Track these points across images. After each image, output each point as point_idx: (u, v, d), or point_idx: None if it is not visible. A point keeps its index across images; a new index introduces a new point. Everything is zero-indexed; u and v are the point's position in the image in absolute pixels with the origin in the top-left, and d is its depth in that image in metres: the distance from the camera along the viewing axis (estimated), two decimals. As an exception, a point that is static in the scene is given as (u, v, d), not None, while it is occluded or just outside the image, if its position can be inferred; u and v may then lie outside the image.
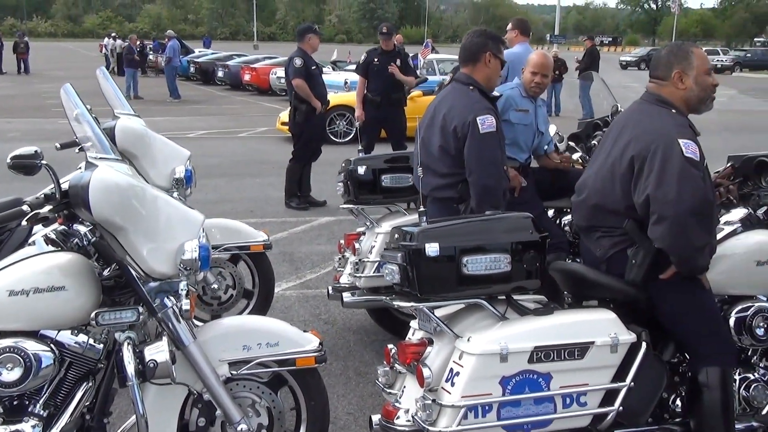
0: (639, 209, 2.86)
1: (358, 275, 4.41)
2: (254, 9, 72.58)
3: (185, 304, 2.63)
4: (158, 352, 2.53)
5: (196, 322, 3.51)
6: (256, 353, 2.78)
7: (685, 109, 2.99)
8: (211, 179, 9.73)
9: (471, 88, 3.85)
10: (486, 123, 3.69)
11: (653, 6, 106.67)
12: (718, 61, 47.34)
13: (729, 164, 3.61)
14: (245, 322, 3.17)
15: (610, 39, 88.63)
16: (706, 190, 2.81)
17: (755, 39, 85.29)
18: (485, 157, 3.71)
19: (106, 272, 2.66)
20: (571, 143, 5.39)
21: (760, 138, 3.40)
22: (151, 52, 31.30)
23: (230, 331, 2.86)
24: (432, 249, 2.69)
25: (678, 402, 3.04)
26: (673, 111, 2.96)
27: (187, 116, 17.47)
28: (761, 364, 3.26)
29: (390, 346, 2.95)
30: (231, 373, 2.75)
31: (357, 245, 4.51)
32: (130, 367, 2.49)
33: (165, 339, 2.58)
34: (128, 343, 2.54)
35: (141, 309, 2.61)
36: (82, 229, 2.75)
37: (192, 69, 28.87)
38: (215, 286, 4.18)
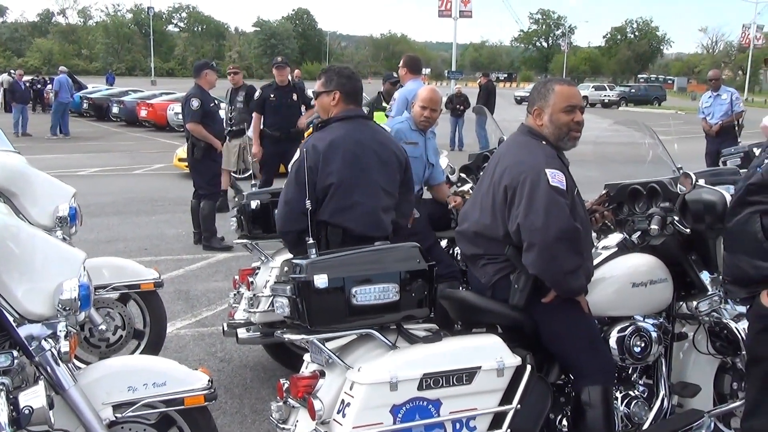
0: (513, 237, 2.98)
1: (252, 311, 4.35)
2: (151, 44, 71.26)
3: (64, 346, 2.53)
4: (34, 397, 2.42)
5: (80, 365, 3.40)
6: (141, 394, 2.70)
7: (554, 141, 3.14)
8: (104, 218, 9.43)
9: None
10: None
11: (545, 44, 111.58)
12: (605, 96, 49.90)
13: (604, 191, 3.80)
14: (130, 362, 3.08)
15: (506, 75, 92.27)
16: (576, 216, 2.94)
17: (639, 75, 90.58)
18: None
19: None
20: (463, 174, 5.56)
21: (635, 167, 3.60)
22: (41, 87, 30.14)
23: (114, 372, 2.77)
24: (321, 281, 2.70)
25: (564, 422, 3.14)
26: (543, 143, 3.10)
27: (79, 153, 16.88)
28: (641, 381, 3.42)
29: (283, 380, 2.93)
30: (115, 416, 2.66)
31: (252, 280, 4.46)
32: (2, 415, 2.36)
33: (42, 383, 2.47)
34: (1, 390, 2.41)
35: (16, 353, 2.50)
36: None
37: (85, 105, 27.97)
38: (103, 327, 4.03)
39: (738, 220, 2.67)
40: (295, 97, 8.58)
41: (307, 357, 3.00)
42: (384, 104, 8.17)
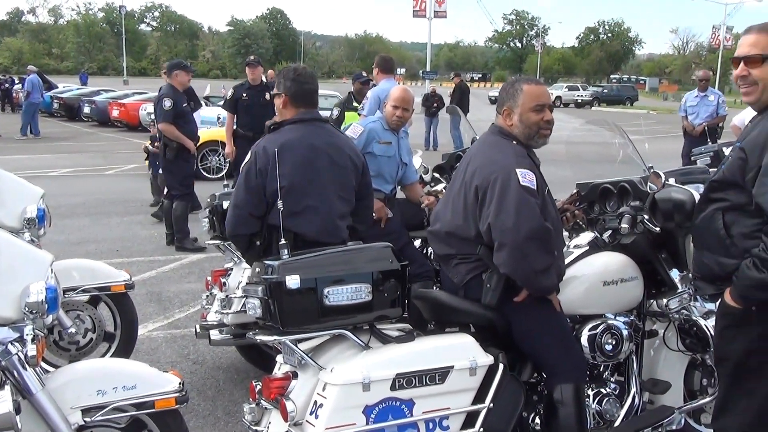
0: (485, 237, 2.99)
1: (225, 312, 4.32)
2: (123, 43, 70.54)
3: (31, 349, 2.49)
4: (0, 402, 2.38)
5: (49, 368, 3.35)
6: (111, 398, 2.67)
7: (524, 140, 3.15)
8: (75, 219, 9.30)
9: None
10: None
11: (519, 45, 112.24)
12: (579, 96, 50.34)
13: (575, 191, 3.83)
14: (100, 365, 3.03)
15: (480, 75, 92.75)
16: (546, 215, 2.96)
17: (611, 76, 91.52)
18: None
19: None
20: (436, 174, 5.57)
21: (606, 166, 3.64)
22: (9, 86, 29.68)
23: (83, 375, 2.73)
24: (292, 281, 2.69)
25: (537, 420, 3.16)
26: (514, 142, 3.11)
27: (50, 154, 16.65)
28: (612, 379, 3.45)
29: (255, 382, 2.92)
30: (84, 421, 2.63)
31: (224, 281, 4.43)
32: (-33, 420, 2.32)
33: (8, 388, 2.44)
34: (-34, 394, 2.37)
35: (-20, 357, 2.45)
36: None
37: (56, 105, 27.60)
38: (72, 330, 3.95)
39: (703, 217, 2.71)
40: (267, 96, 8.52)
41: (279, 358, 2.99)
42: (355, 104, 8.16)
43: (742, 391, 2.69)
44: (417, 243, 5.04)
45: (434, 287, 4.46)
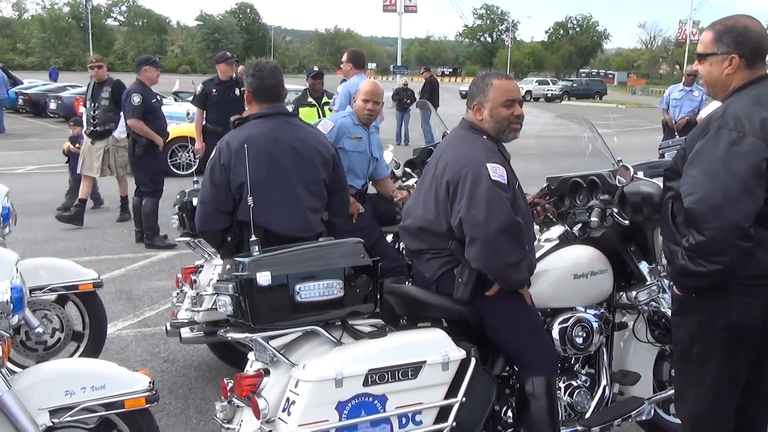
0: (456, 231, 2.99)
1: (196, 309, 4.28)
2: (90, 38, 69.48)
3: (-4, 350, 2.44)
4: (-36, 404, 2.33)
5: (16, 369, 3.30)
6: (80, 398, 2.64)
7: (494, 135, 3.16)
8: (42, 217, 9.15)
9: None
10: None
11: (489, 39, 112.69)
12: (548, 90, 50.66)
13: (545, 185, 3.85)
14: (67, 365, 2.99)
15: (451, 70, 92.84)
16: (517, 209, 2.97)
17: (580, 70, 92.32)
18: None
19: None
20: (407, 169, 5.57)
21: (576, 160, 3.67)
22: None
23: (51, 376, 2.69)
24: (263, 278, 2.68)
25: (509, 413, 3.18)
26: (484, 137, 3.12)
27: (15, 151, 16.35)
28: (583, 371, 3.48)
29: (227, 380, 2.89)
30: (52, 422, 2.59)
31: (195, 278, 4.39)
32: (-69, 424, 2.27)
33: (-27, 390, 2.38)
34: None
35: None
36: None
37: (21, 101, 27.08)
38: (39, 329, 3.87)
39: (663, 207, 2.77)
40: (237, 92, 8.46)
41: (251, 355, 2.97)
42: (310, 99, 8.16)
43: (691, 379, 2.74)
44: (389, 238, 5.04)
45: (407, 282, 4.46)
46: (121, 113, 8.15)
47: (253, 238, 2.88)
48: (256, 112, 3.59)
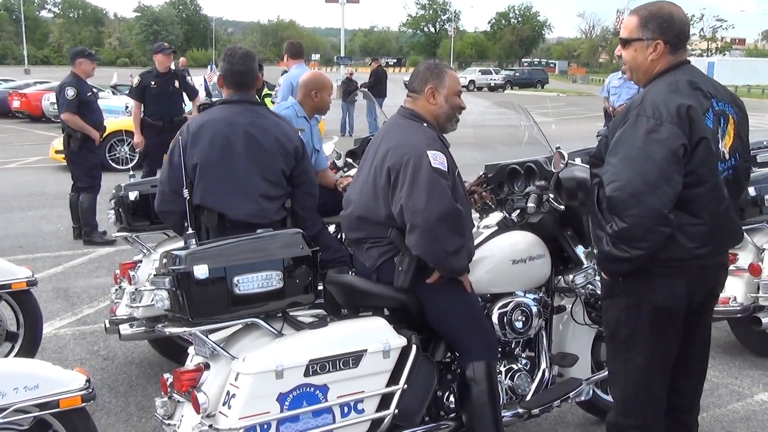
0: (396, 219, 3.00)
1: (135, 305, 4.20)
2: (23, 31, 67.28)
3: None
4: None
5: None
6: (12, 399, 2.57)
7: (435, 124, 3.19)
8: (-26, 216, 8.86)
9: None
10: None
11: (432, 29, 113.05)
12: (491, 80, 51.18)
13: (482, 172, 3.89)
14: (-2, 366, 2.90)
15: (395, 60, 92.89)
16: (457, 197, 3.00)
17: (522, 60, 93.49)
18: None
19: None
20: (349, 159, 5.55)
21: (513, 148, 3.73)
22: None
23: (-19, 378, 2.60)
24: (200, 271, 2.64)
25: (451, 398, 3.22)
26: (425, 125, 3.14)
27: (-55, 148, 15.79)
28: (523, 355, 3.54)
29: (166, 375, 2.85)
30: (-16, 424, 2.51)
31: (133, 274, 4.30)
32: None
33: None
34: None
35: None
36: None
37: (-51, 97, 26.07)
38: (-29, 331, 3.79)
39: (590, 193, 2.83)
40: (176, 84, 8.31)
41: (191, 350, 2.94)
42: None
43: (622, 360, 2.81)
44: (331, 228, 5.02)
45: (350, 273, 4.46)
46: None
47: (190, 231, 2.85)
48: (224, 97, 3.70)
